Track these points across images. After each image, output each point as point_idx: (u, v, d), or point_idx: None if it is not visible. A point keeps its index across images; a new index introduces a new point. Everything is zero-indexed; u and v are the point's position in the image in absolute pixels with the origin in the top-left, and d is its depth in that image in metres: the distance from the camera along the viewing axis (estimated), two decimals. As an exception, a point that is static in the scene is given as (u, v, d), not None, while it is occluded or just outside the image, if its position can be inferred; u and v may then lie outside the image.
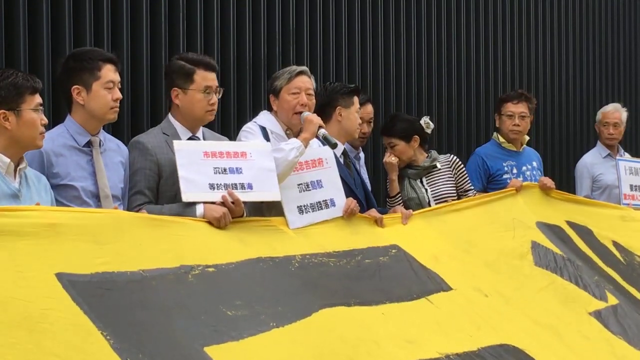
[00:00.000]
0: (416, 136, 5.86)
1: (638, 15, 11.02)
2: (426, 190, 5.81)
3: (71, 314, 3.23)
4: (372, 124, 6.18)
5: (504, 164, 6.38)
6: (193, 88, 4.55)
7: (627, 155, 7.51)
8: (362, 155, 6.19)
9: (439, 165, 5.89)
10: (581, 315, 5.08)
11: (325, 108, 5.34)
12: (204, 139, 4.65)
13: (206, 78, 4.58)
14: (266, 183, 4.47)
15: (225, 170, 4.36)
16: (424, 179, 5.85)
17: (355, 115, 5.46)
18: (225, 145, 4.52)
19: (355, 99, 5.45)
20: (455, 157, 6.02)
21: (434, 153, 5.98)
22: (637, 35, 10.98)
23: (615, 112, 7.42)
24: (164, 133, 4.54)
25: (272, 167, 4.50)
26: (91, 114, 4.27)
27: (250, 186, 4.41)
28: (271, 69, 6.30)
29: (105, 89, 4.25)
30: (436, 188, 5.85)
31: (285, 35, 6.79)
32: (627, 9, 10.81)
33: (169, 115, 4.64)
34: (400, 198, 5.73)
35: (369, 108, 6.14)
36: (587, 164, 7.37)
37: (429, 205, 5.66)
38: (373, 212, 5.04)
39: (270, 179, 4.48)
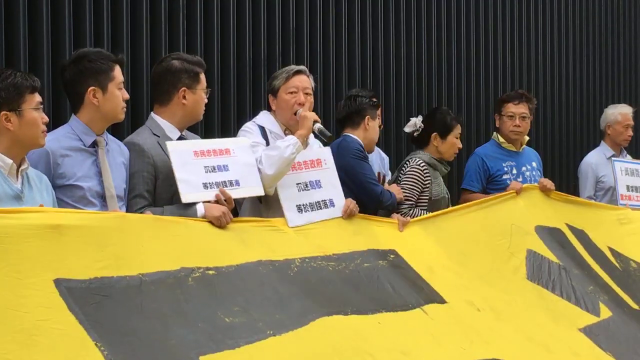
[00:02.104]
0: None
1: (638, 15, 11.01)
2: (447, 192, 5.86)
3: (66, 324, 3.22)
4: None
5: (503, 165, 6.37)
6: (200, 88, 4.61)
7: (628, 157, 7.52)
8: (384, 156, 6.24)
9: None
10: (571, 332, 5.06)
11: (353, 116, 5.54)
12: (186, 137, 4.68)
13: (204, 78, 4.68)
14: (250, 178, 4.53)
15: (214, 168, 4.43)
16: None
17: (378, 128, 5.66)
18: (210, 143, 4.58)
19: (378, 113, 5.68)
20: None
21: None
22: (637, 35, 10.97)
23: (630, 113, 7.48)
24: (154, 134, 4.53)
25: (253, 162, 4.57)
26: (105, 114, 4.27)
27: (237, 183, 4.48)
28: (271, 69, 6.30)
29: (118, 89, 4.29)
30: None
31: (285, 35, 6.79)
32: (627, 9, 10.81)
33: (154, 115, 4.62)
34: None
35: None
36: (592, 164, 7.35)
37: (448, 207, 5.67)
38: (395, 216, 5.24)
39: (253, 174, 4.55)
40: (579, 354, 4.88)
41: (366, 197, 5.29)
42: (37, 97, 3.87)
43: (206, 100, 4.69)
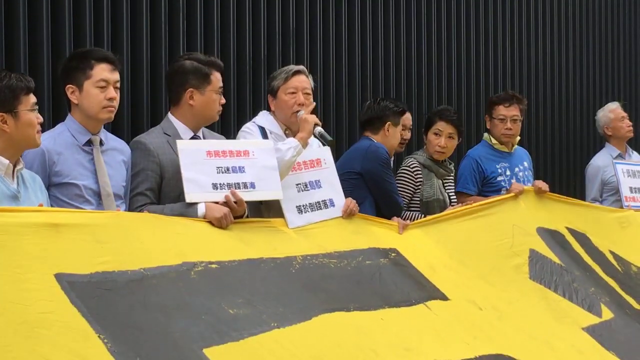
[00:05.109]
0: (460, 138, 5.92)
1: (638, 15, 11.01)
2: (448, 194, 5.84)
3: (69, 316, 3.22)
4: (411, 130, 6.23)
5: (497, 166, 6.28)
6: (210, 89, 4.58)
7: (635, 154, 7.51)
8: None
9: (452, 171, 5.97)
10: (575, 331, 5.03)
11: (374, 121, 5.58)
12: (204, 138, 4.65)
13: (219, 79, 4.64)
14: (268, 182, 4.47)
15: (228, 169, 4.37)
16: (442, 182, 5.86)
17: (399, 134, 5.68)
18: (227, 143, 4.53)
19: (402, 119, 5.68)
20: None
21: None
22: (637, 35, 10.98)
23: (619, 107, 7.49)
24: (165, 133, 4.54)
25: (275, 165, 4.50)
26: (85, 113, 4.27)
27: (252, 185, 4.41)
28: (271, 69, 6.30)
29: (97, 87, 4.23)
30: (450, 193, 5.89)
31: (285, 35, 6.79)
32: (627, 9, 10.81)
33: (170, 115, 4.63)
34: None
35: (409, 115, 6.19)
36: (600, 167, 7.31)
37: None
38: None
39: (272, 177, 4.48)
40: (582, 352, 4.87)
41: (387, 207, 5.36)
42: (32, 98, 3.88)
43: (223, 101, 4.66)
